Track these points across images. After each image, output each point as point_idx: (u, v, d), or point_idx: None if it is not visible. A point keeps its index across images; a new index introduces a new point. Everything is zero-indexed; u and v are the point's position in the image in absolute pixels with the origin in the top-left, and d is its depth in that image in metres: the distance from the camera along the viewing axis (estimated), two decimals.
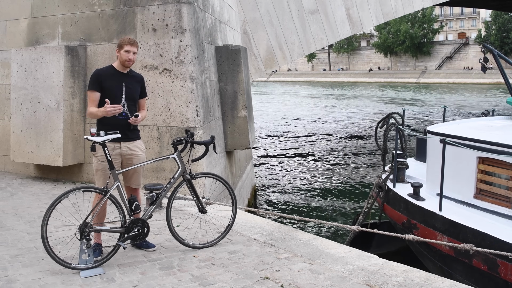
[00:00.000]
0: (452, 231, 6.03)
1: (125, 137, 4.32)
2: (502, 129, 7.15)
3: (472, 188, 6.33)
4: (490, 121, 7.84)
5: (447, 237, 6.08)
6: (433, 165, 6.97)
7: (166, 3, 6.90)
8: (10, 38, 8.19)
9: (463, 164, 6.40)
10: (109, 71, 4.40)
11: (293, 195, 12.82)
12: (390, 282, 3.74)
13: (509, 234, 5.43)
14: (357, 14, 15.10)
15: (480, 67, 9.02)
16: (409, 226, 6.90)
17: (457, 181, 6.50)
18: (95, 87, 4.31)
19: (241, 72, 8.14)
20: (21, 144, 7.39)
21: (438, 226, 6.26)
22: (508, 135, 6.49)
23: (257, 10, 12.27)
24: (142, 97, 4.60)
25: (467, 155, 6.29)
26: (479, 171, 6.26)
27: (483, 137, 6.27)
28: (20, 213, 5.77)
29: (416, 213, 6.76)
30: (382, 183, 7.87)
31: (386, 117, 8.68)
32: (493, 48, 8.33)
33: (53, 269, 3.99)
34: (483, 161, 6.22)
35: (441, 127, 7.53)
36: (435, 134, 6.92)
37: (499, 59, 8.22)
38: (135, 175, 4.51)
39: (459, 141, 6.27)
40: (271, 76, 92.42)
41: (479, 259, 5.59)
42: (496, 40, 75.82)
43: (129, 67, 4.43)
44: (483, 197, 6.23)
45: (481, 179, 6.27)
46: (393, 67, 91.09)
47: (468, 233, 5.77)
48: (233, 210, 4.75)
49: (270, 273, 3.95)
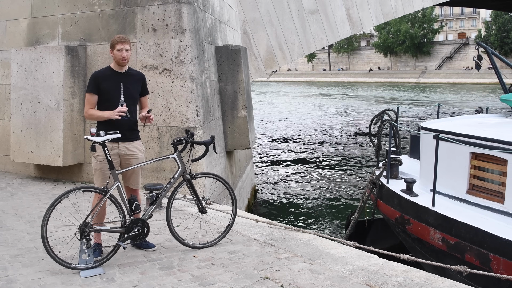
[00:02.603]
0: (445, 226, 6.06)
1: (124, 137, 4.32)
2: (495, 125, 7.16)
3: (465, 183, 6.34)
4: (483, 118, 7.85)
5: (440, 232, 6.11)
6: (427, 161, 6.98)
7: (166, 3, 6.90)
8: (10, 38, 8.19)
9: (456, 160, 6.42)
10: (107, 72, 4.41)
11: (293, 194, 12.83)
12: (390, 282, 3.74)
13: (502, 229, 5.47)
14: (357, 14, 15.10)
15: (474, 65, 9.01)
16: (402, 222, 6.93)
17: (450, 177, 6.52)
18: (93, 89, 4.34)
19: (241, 72, 8.14)
20: (21, 144, 7.39)
21: (431, 222, 6.29)
22: (501, 131, 6.50)
23: (257, 10, 12.28)
24: (144, 95, 4.61)
25: (460, 151, 6.31)
26: (472, 166, 6.27)
27: (476, 133, 6.27)
28: (20, 213, 5.77)
29: (409, 209, 6.78)
30: (376, 179, 7.90)
31: (380, 114, 8.66)
32: (487, 46, 8.33)
33: (53, 269, 3.99)
34: (476, 157, 6.23)
35: (434, 123, 7.54)
36: (428, 130, 6.93)
37: (493, 57, 8.21)
38: (134, 175, 4.51)
39: (452, 137, 6.29)
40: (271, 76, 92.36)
41: (472, 254, 5.62)
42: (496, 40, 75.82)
43: (124, 65, 4.41)
44: (476, 193, 6.23)
45: (474, 175, 6.28)
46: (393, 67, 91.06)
47: (461, 228, 5.81)
48: (233, 210, 4.75)
49: (270, 273, 3.95)
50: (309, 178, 14.82)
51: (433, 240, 6.24)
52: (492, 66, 8.33)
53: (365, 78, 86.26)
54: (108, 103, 4.34)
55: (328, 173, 15.47)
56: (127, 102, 4.38)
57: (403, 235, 7.23)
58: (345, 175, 15.20)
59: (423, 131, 7.15)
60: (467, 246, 5.68)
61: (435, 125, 7.21)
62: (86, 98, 4.39)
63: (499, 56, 8.63)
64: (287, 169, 16.11)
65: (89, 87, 4.36)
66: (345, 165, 16.81)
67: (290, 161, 17.49)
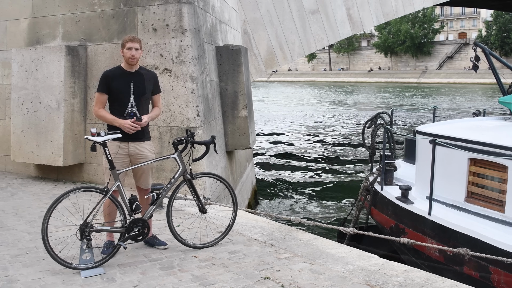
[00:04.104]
0: (442, 236, 5.78)
1: (134, 137, 4.33)
2: (494, 129, 6.85)
3: (463, 191, 6.04)
4: (481, 121, 7.54)
5: (437, 243, 5.81)
6: (423, 167, 6.66)
7: (166, 3, 6.90)
8: (10, 38, 8.19)
9: (453, 166, 6.11)
10: (117, 71, 4.41)
11: (294, 194, 12.82)
12: (391, 282, 3.74)
13: (502, 239, 5.18)
14: (358, 14, 15.10)
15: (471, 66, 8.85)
16: (397, 231, 6.62)
17: (448, 184, 6.20)
18: (103, 89, 4.34)
19: (242, 72, 8.14)
20: (21, 144, 7.39)
21: (428, 231, 6.01)
22: (501, 135, 6.23)
23: (258, 10, 12.28)
24: (156, 93, 4.60)
25: (457, 156, 6.00)
26: (470, 173, 5.97)
27: (475, 137, 5.97)
28: (21, 213, 5.77)
29: (405, 217, 6.49)
30: (370, 186, 7.59)
31: (374, 117, 8.36)
32: (484, 47, 8.11)
33: (53, 269, 3.99)
34: (474, 163, 5.94)
35: (431, 127, 7.21)
36: (424, 135, 6.61)
37: (491, 58, 8.00)
38: (144, 175, 4.53)
39: (449, 142, 6.00)
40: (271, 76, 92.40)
41: (471, 266, 5.35)
42: (497, 40, 75.82)
43: (134, 64, 4.39)
44: (474, 201, 5.94)
45: (472, 182, 5.97)
46: (393, 67, 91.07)
47: (459, 238, 5.52)
48: (233, 210, 4.75)
49: (271, 273, 3.95)
50: (310, 178, 14.82)
51: (430, 250, 5.93)
52: (489, 67, 8.14)
53: (365, 78, 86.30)
54: (118, 102, 4.35)
55: (329, 173, 15.45)
56: (137, 101, 4.38)
57: (398, 245, 6.82)
58: (347, 175, 15.19)
59: (419, 135, 6.80)
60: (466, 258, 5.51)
61: (431, 129, 6.91)
62: (96, 97, 4.41)
63: (497, 56, 8.42)
64: (287, 169, 16.10)
65: (99, 87, 4.36)
66: (349, 165, 16.79)
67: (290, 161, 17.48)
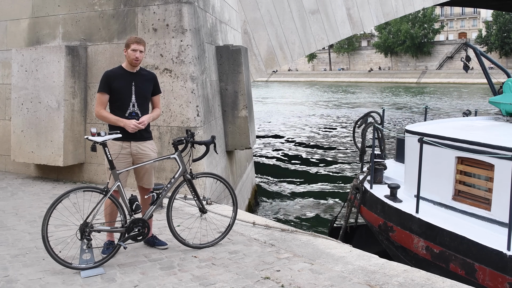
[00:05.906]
0: (429, 234, 5.79)
1: (136, 136, 4.34)
2: (482, 128, 6.86)
3: (451, 189, 6.08)
4: (470, 121, 7.57)
5: (424, 241, 5.85)
6: (411, 166, 6.67)
7: (166, 3, 6.90)
8: (10, 38, 8.20)
9: (441, 165, 6.14)
10: (118, 71, 4.41)
11: (294, 194, 12.83)
12: (391, 282, 3.74)
13: (488, 237, 5.21)
14: (358, 14, 15.10)
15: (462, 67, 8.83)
16: (385, 229, 6.66)
17: (435, 182, 6.23)
18: (104, 89, 4.34)
19: (242, 72, 8.14)
20: (21, 144, 7.39)
21: (415, 229, 6.02)
22: (488, 134, 6.25)
23: (258, 10, 12.28)
24: (155, 94, 4.60)
25: (445, 155, 6.04)
26: (457, 171, 6.00)
27: (462, 136, 6.00)
28: (21, 213, 5.77)
29: (393, 216, 6.50)
30: (359, 184, 7.61)
31: (364, 116, 8.36)
32: (475, 47, 8.14)
33: (53, 269, 3.99)
34: (462, 161, 5.95)
35: (419, 126, 7.24)
36: (413, 134, 6.64)
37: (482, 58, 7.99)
38: (146, 175, 4.53)
39: (437, 141, 6.01)
40: (271, 76, 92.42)
41: (457, 264, 5.38)
42: (497, 40, 75.78)
43: (137, 66, 4.40)
44: (461, 199, 5.97)
45: (459, 180, 6.01)
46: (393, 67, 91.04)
47: (446, 236, 5.54)
48: (233, 210, 4.76)
49: (271, 273, 3.95)
50: (310, 178, 14.81)
51: (417, 248, 5.96)
52: (480, 67, 8.07)
53: (365, 78, 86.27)
54: (120, 102, 4.35)
55: (330, 173, 15.46)
56: (139, 101, 4.39)
57: (386, 243, 6.95)
58: (346, 174, 15.19)
59: (408, 134, 6.83)
60: (452, 255, 5.43)
61: (420, 128, 6.94)
62: (97, 97, 4.39)
63: (488, 57, 8.40)
64: (288, 169, 16.11)
65: (101, 87, 4.35)
66: (347, 164, 16.79)
67: (291, 161, 17.48)
